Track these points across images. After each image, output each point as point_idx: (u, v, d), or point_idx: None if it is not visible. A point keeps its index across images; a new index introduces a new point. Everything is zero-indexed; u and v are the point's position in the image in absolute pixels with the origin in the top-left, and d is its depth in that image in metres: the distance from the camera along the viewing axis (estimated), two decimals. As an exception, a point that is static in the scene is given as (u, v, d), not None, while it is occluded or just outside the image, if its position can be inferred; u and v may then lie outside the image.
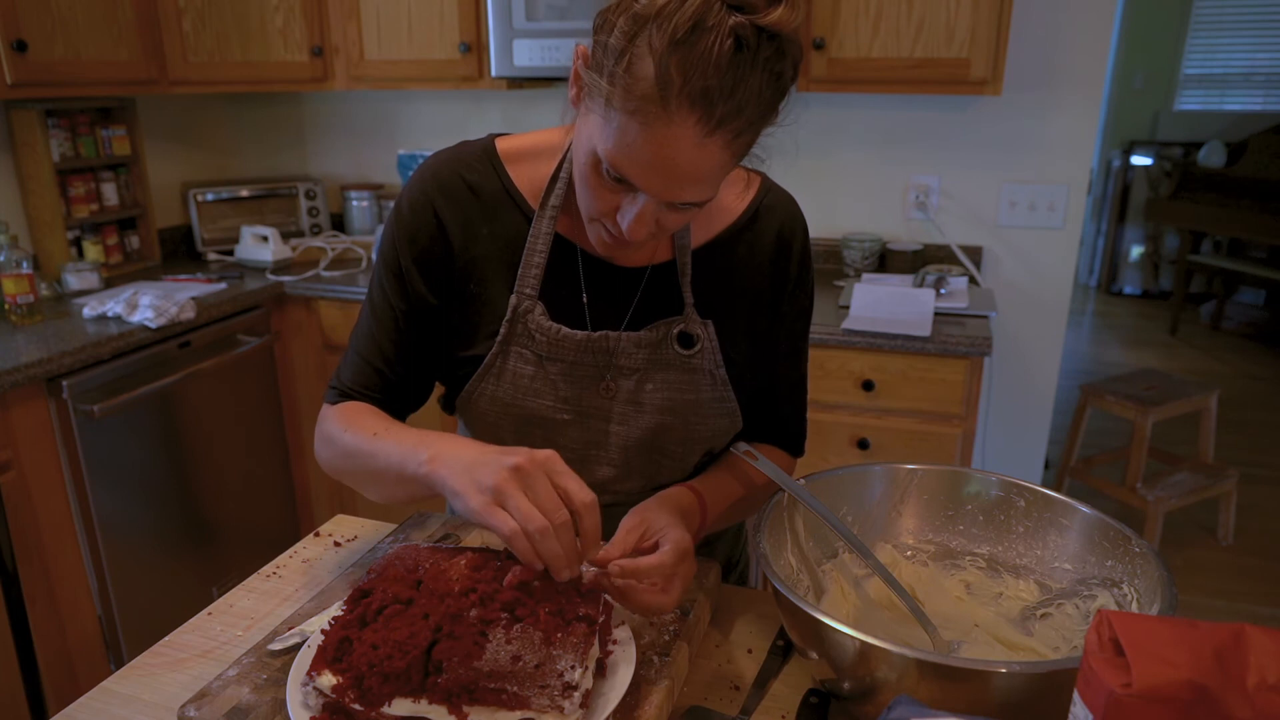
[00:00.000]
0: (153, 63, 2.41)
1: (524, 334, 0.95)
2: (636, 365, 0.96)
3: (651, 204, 0.80)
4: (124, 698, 0.82)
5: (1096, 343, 5.32)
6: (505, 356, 0.96)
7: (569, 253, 0.97)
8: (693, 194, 0.78)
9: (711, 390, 0.98)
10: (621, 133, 0.75)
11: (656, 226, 0.82)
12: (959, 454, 2.07)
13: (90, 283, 2.40)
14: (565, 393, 0.96)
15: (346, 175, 3.14)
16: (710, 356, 0.97)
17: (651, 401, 0.97)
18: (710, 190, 0.80)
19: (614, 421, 0.98)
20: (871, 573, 0.90)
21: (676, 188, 0.77)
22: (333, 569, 1.04)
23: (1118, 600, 0.82)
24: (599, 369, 0.96)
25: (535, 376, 0.96)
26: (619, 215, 0.82)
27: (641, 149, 0.75)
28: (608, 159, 0.77)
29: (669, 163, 0.75)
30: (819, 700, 0.79)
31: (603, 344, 0.95)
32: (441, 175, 0.97)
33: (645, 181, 0.77)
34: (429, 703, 0.69)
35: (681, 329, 0.96)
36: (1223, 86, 5.95)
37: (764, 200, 1.00)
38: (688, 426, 0.98)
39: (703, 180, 0.77)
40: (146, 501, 2.20)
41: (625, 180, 0.78)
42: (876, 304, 2.16)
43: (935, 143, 2.50)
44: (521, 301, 0.95)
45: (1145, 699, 0.50)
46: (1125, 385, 3.04)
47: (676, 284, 0.97)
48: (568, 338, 0.95)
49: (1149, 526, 2.88)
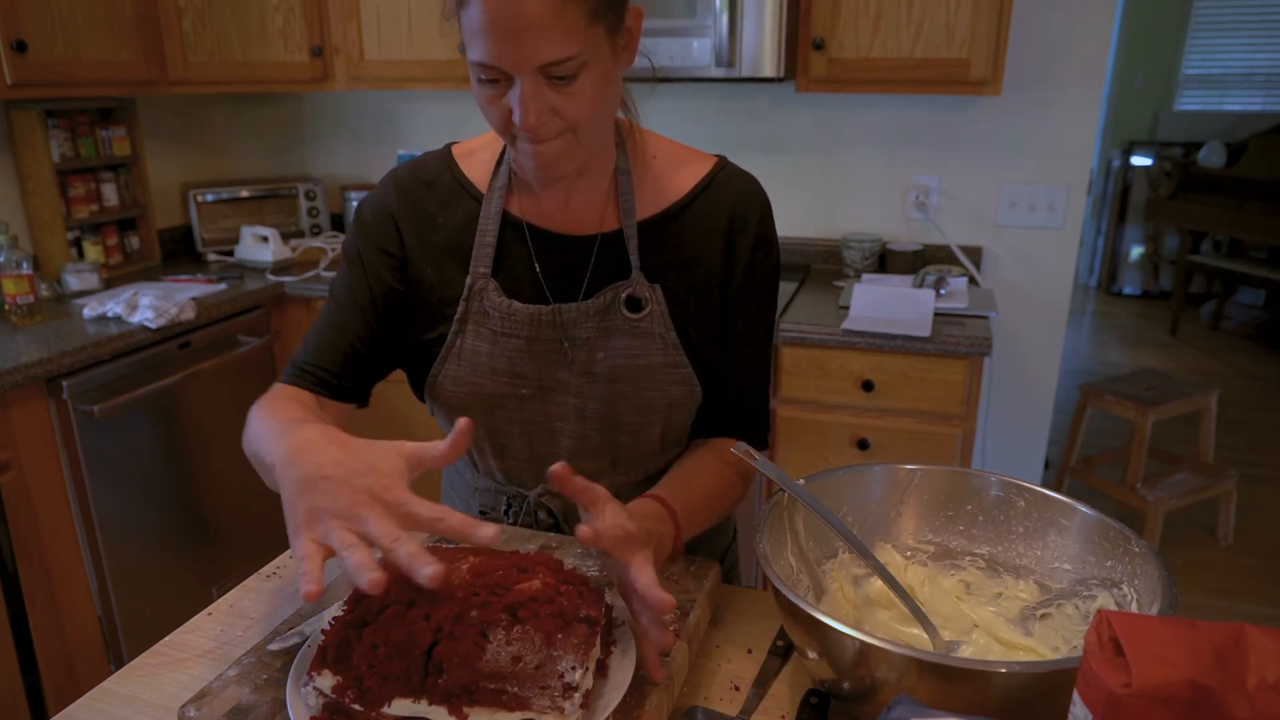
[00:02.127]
0: (153, 63, 2.41)
1: (479, 312, 0.99)
2: (588, 334, 0.98)
3: (527, 83, 0.82)
4: (124, 698, 0.82)
5: (1096, 343, 5.32)
6: (462, 336, 0.99)
7: (519, 230, 1.00)
8: (544, 50, 0.80)
9: (663, 355, 0.98)
10: (467, 28, 0.81)
11: (555, 116, 0.84)
12: (959, 454, 2.07)
13: (90, 283, 2.40)
14: (523, 368, 0.99)
15: (346, 175, 3.14)
16: (659, 320, 0.98)
17: (603, 370, 0.98)
18: (564, 43, 0.80)
19: (571, 394, 1.00)
20: (871, 573, 0.90)
21: (522, 47, 0.79)
22: (333, 569, 1.04)
23: (1118, 600, 0.82)
24: (556, 342, 0.98)
25: (492, 354, 0.99)
26: (514, 115, 0.84)
27: (479, 25, 0.80)
28: (473, 60, 0.82)
29: (500, 24, 0.79)
30: (819, 700, 0.79)
31: (555, 317, 0.97)
32: (398, 174, 1.03)
33: (497, 54, 0.80)
34: (429, 703, 0.69)
35: (629, 293, 0.98)
36: (1223, 87, 5.95)
37: (718, 175, 1.01)
38: (640, 393, 0.99)
39: (542, 31, 0.79)
40: (147, 502, 2.20)
41: (494, 71, 0.82)
42: (876, 304, 2.16)
43: (935, 143, 2.50)
44: (476, 280, 0.98)
45: (1145, 699, 0.50)
46: (1125, 385, 3.04)
47: (626, 251, 0.99)
48: (519, 311, 0.97)
49: (1149, 526, 2.88)
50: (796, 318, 2.16)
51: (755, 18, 2.06)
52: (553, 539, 1.02)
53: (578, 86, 0.83)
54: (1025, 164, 2.44)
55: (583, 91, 0.84)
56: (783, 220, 2.67)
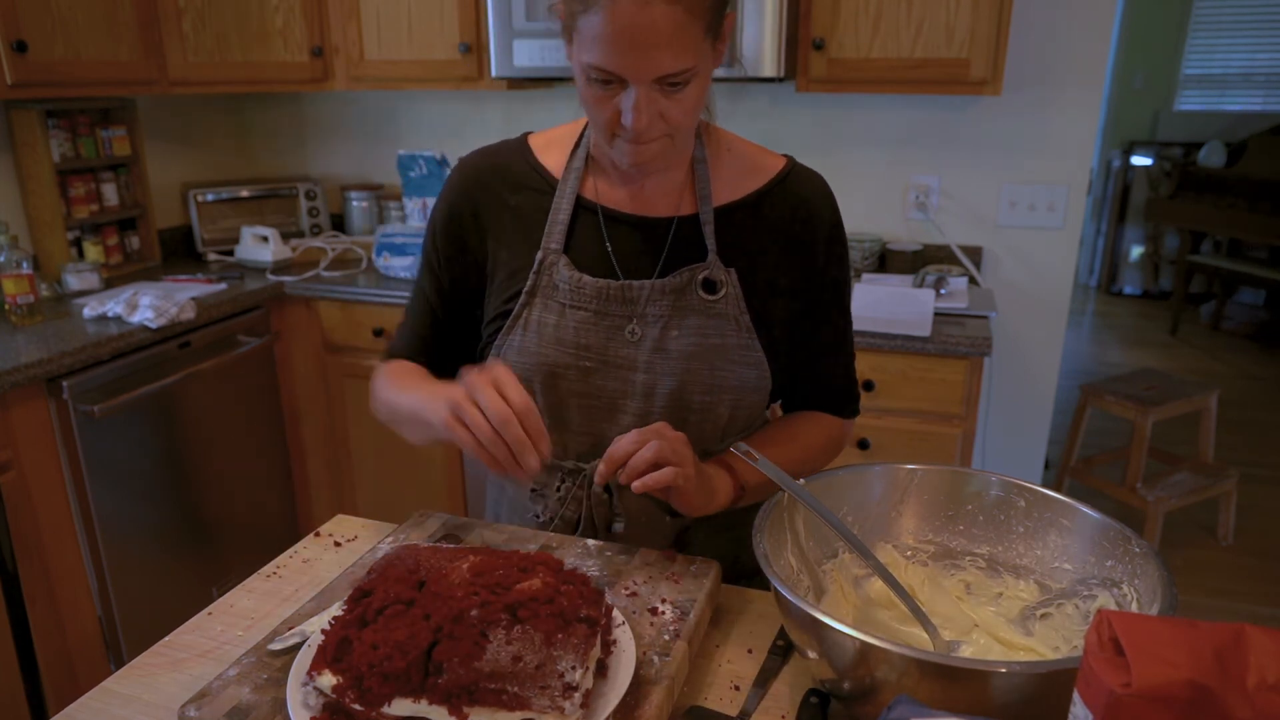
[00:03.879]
0: (153, 63, 2.41)
1: (548, 285, 1.02)
2: (662, 312, 1.01)
3: (643, 91, 0.86)
4: (124, 698, 0.82)
5: (1096, 343, 5.32)
6: (530, 308, 1.03)
7: (592, 212, 1.04)
8: (666, 62, 0.84)
9: (736, 337, 1.02)
10: (587, 33, 0.85)
11: (661, 120, 0.89)
12: (959, 454, 2.07)
13: (90, 283, 2.40)
14: (588, 340, 1.01)
15: (346, 175, 3.14)
16: (734, 303, 1.01)
17: (677, 348, 1.00)
18: (682, 55, 0.84)
19: (640, 370, 1.01)
20: (871, 573, 0.90)
21: (646, 59, 0.84)
22: (333, 569, 1.04)
23: (1118, 600, 0.82)
24: (624, 317, 1.01)
25: (559, 325, 1.01)
26: (621, 118, 0.89)
27: (602, 33, 0.83)
28: (587, 62, 0.86)
29: (626, 34, 0.82)
30: (819, 700, 0.79)
31: (626, 292, 1.00)
32: (469, 162, 1.09)
33: (619, 63, 0.84)
34: (429, 703, 0.69)
35: (706, 275, 1.01)
36: (1223, 87, 5.95)
37: (792, 171, 1.06)
38: (713, 372, 1.01)
39: (666, 45, 0.83)
40: (146, 501, 2.20)
41: (609, 75, 0.86)
42: (876, 304, 2.16)
43: (935, 143, 2.50)
44: (546, 255, 1.02)
45: (1145, 699, 0.50)
46: (1125, 385, 3.04)
47: (701, 235, 1.02)
48: (589, 284, 1.00)
49: (1149, 526, 2.88)
50: (796, 318, 2.15)
51: (755, 18, 2.06)
52: (553, 539, 1.03)
53: (686, 93, 0.88)
54: (1025, 164, 2.44)
55: (689, 98, 0.89)
56: (783, 220, 2.68)
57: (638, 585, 0.91)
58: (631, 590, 0.91)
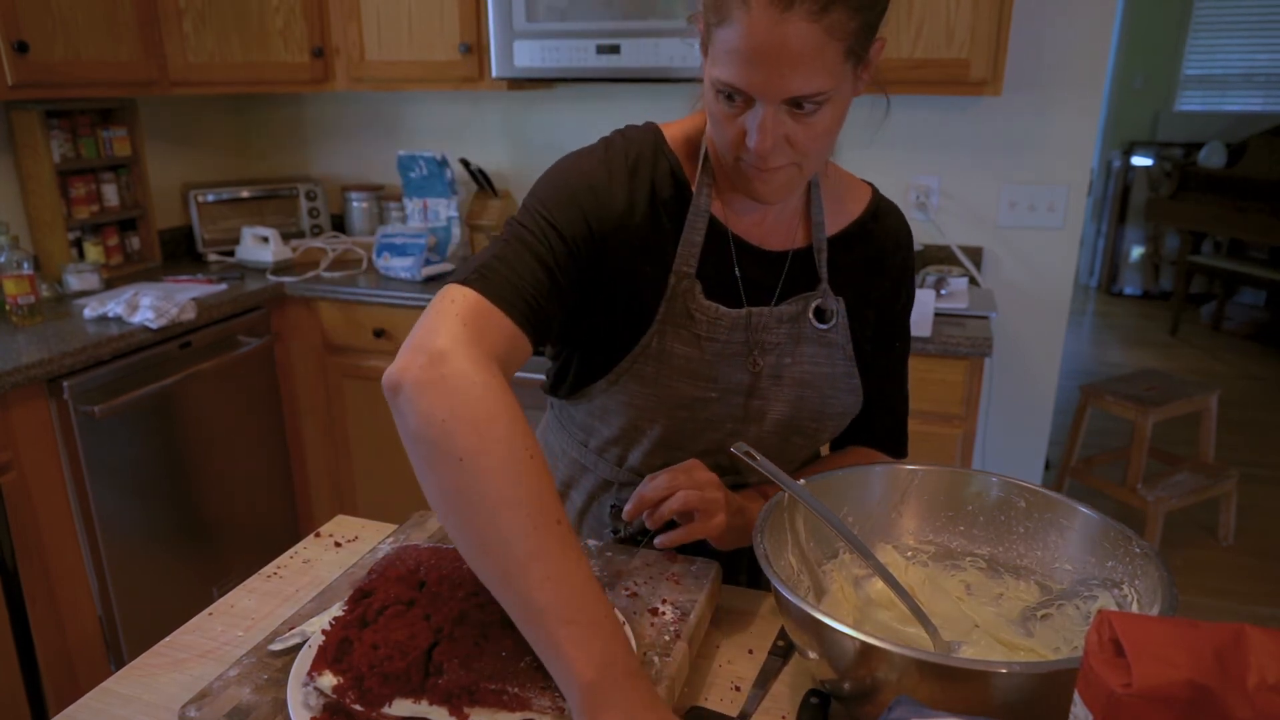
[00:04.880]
0: (153, 63, 2.41)
1: (683, 313, 0.97)
2: (779, 340, 1.00)
3: (770, 111, 0.82)
4: (124, 698, 0.82)
5: (1097, 343, 5.32)
6: (662, 337, 0.96)
7: (722, 234, 0.99)
8: (797, 83, 0.80)
9: (844, 365, 1.03)
10: (721, 45, 0.81)
11: (786, 143, 0.85)
12: (959, 454, 2.07)
13: (91, 283, 2.40)
14: (715, 373, 0.99)
15: (347, 176, 3.14)
16: (842, 332, 1.03)
17: (791, 375, 1.01)
18: (815, 77, 0.80)
19: (755, 397, 1.01)
20: (872, 573, 0.90)
21: (777, 78, 0.79)
22: (333, 569, 1.04)
23: (1118, 601, 0.82)
24: (746, 345, 0.99)
25: (691, 357, 0.97)
26: (746, 138, 0.84)
27: (735, 48, 0.79)
28: (717, 76, 0.82)
29: (759, 51, 0.78)
30: (819, 701, 0.79)
31: (747, 320, 0.99)
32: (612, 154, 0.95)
33: (748, 79, 0.80)
34: (429, 704, 0.69)
35: (818, 303, 1.01)
36: (1223, 87, 5.95)
37: (880, 204, 1.08)
38: (823, 400, 1.02)
39: (800, 64, 0.79)
40: (147, 502, 2.20)
41: (738, 91, 0.82)
42: (877, 304, 2.16)
43: (935, 143, 2.50)
44: (680, 280, 0.96)
45: (1145, 699, 0.50)
46: (1126, 385, 3.04)
47: (814, 267, 1.02)
48: (724, 315, 0.98)
49: (1149, 527, 2.88)
50: (797, 318, 2.16)
51: (755, 18, 2.06)
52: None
53: (817, 118, 0.84)
54: (1025, 164, 2.44)
55: (820, 123, 0.84)
56: (783, 221, 2.68)
57: (638, 586, 0.92)
58: (632, 590, 0.91)
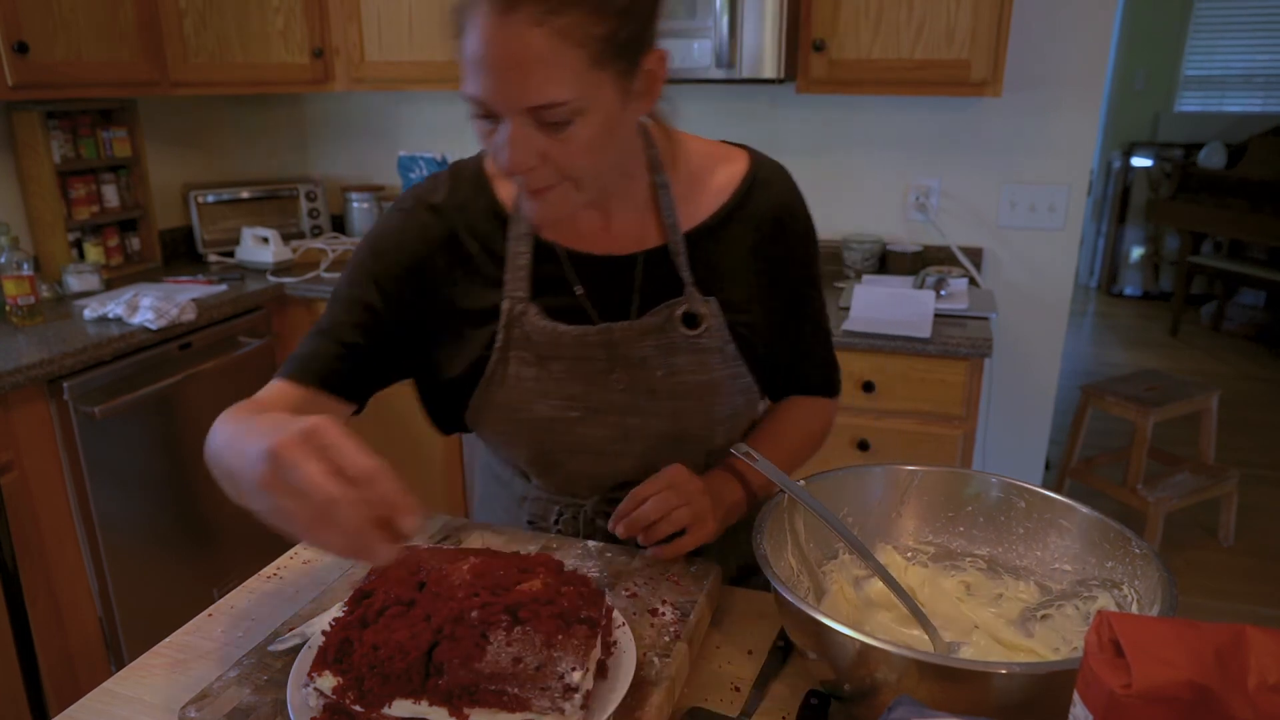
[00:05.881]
0: (154, 64, 2.41)
1: (521, 337, 0.96)
2: (645, 354, 0.96)
3: (515, 125, 0.78)
4: (125, 698, 0.82)
5: (1097, 344, 5.32)
6: (505, 363, 0.96)
7: (553, 254, 0.97)
8: (530, 92, 0.75)
9: (724, 368, 0.98)
10: (462, 58, 0.78)
11: (544, 162, 0.80)
12: (959, 455, 2.07)
13: (91, 284, 2.40)
14: (572, 390, 0.97)
15: (347, 177, 3.14)
16: (718, 334, 0.97)
17: (666, 388, 0.97)
18: (553, 86, 0.75)
19: (631, 414, 0.98)
20: (872, 574, 0.90)
21: (507, 86, 0.76)
22: (333, 570, 1.04)
23: (1118, 601, 0.82)
24: (607, 362, 0.96)
25: (539, 378, 0.96)
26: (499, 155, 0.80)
27: (468, 58, 0.77)
28: (462, 91, 0.79)
29: (488, 59, 0.75)
30: (819, 701, 0.79)
31: (605, 336, 0.95)
32: (433, 198, 0.97)
33: (481, 89, 0.77)
34: (430, 704, 0.69)
35: (685, 309, 0.96)
36: (1223, 88, 5.95)
37: (756, 176, 0.99)
38: (707, 409, 0.99)
39: (531, 71, 0.75)
40: (147, 503, 2.20)
41: (479, 104, 0.79)
42: (877, 305, 2.16)
43: (935, 144, 2.50)
44: (514, 305, 0.95)
45: (1145, 699, 0.50)
46: (1126, 386, 3.04)
47: (674, 267, 0.97)
48: (565, 334, 0.95)
49: (1150, 527, 2.88)
50: (797, 319, 2.16)
51: (755, 19, 2.06)
52: (553, 540, 1.02)
53: (571, 134, 0.79)
54: (1025, 165, 2.44)
55: (576, 139, 0.79)
56: (783, 221, 2.68)
57: (638, 586, 0.92)
58: (632, 591, 0.91)
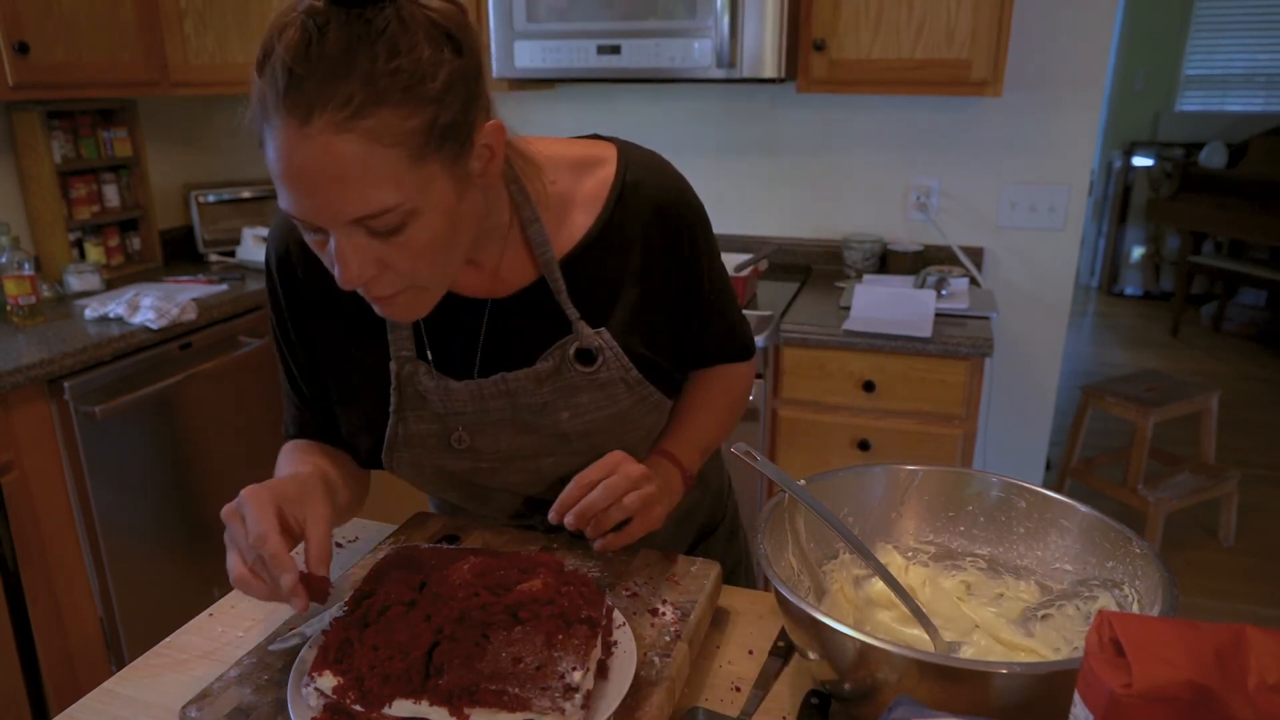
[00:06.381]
0: (154, 64, 2.41)
1: (415, 397, 0.93)
2: (545, 399, 0.92)
3: (340, 237, 0.72)
4: (125, 698, 0.82)
5: (1098, 344, 5.32)
6: (405, 423, 0.94)
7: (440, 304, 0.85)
8: (348, 205, 0.69)
9: (629, 396, 0.94)
10: (273, 175, 0.71)
11: (382, 268, 0.74)
12: (960, 455, 2.07)
13: (91, 284, 2.41)
14: (479, 444, 0.94)
15: (347, 176, 3.14)
16: (616, 364, 0.92)
17: (575, 429, 0.94)
18: (369, 195, 0.69)
19: (545, 457, 0.96)
20: (872, 574, 0.90)
21: (324, 203, 0.69)
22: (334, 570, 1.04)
23: (1118, 601, 0.82)
24: (509, 411, 0.93)
25: (442, 434, 0.94)
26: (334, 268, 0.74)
27: (275, 174, 0.70)
28: (279, 207, 0.74)
29: (295, 175, 0.69)
30: (820, 701, 0.79)
31: (501, 387, 0.92)
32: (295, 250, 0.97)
33: (300, 206, 0.70)
34: (430, 704, 0.69)
35: (577, 346, 0.91)
36: (1224, 87, 5.95)
37: (626, 178, 0.92)
38: (619, 439, 0.96)
39: (344, 183, 0.68)
40: (148, 502, 2.20)
41: (304, 221, 0.73)
42: (877, 305, 2.16)
43: (936, 144, 2.50)
44: (402, 366, 0.92)
45: (1145, 699, 0.50)
46: (1126, 386, 3.04)
47: (557, 302, 0.91)
48: (458, 390, 0.91)
49: (1150, 527, 2.88)
50: (797, 319, 2.16)
51: (756, 19, 2.06)
52: (553, 539, 1.02)
53: (407, 238, 0.73)
54: (1026, 165, 2.44)
55: (413, 242, 0.73)
56: (784, 221, 2.68)
57: (638, 586, 0.92)
58: (632, 591, 0.91)
